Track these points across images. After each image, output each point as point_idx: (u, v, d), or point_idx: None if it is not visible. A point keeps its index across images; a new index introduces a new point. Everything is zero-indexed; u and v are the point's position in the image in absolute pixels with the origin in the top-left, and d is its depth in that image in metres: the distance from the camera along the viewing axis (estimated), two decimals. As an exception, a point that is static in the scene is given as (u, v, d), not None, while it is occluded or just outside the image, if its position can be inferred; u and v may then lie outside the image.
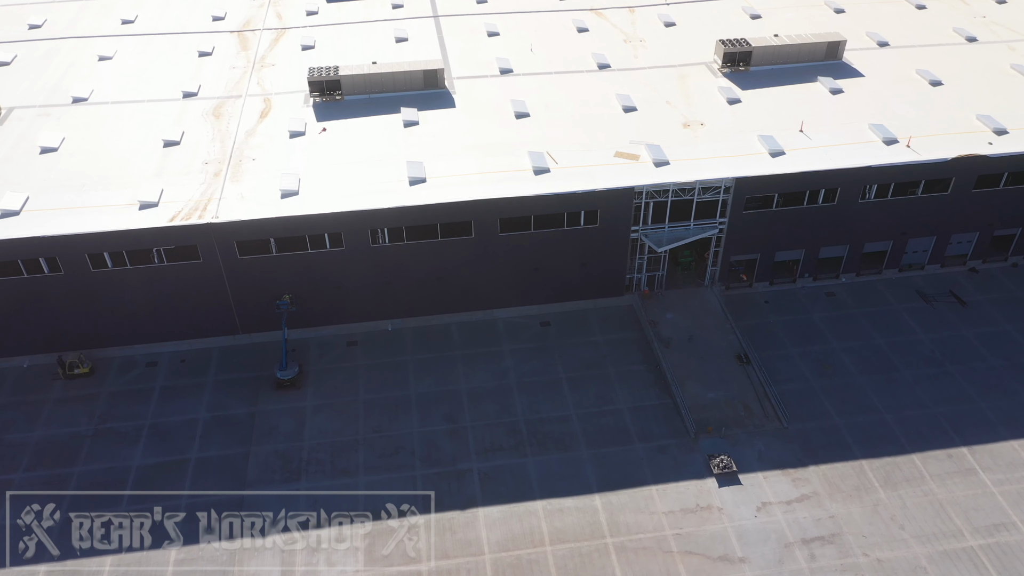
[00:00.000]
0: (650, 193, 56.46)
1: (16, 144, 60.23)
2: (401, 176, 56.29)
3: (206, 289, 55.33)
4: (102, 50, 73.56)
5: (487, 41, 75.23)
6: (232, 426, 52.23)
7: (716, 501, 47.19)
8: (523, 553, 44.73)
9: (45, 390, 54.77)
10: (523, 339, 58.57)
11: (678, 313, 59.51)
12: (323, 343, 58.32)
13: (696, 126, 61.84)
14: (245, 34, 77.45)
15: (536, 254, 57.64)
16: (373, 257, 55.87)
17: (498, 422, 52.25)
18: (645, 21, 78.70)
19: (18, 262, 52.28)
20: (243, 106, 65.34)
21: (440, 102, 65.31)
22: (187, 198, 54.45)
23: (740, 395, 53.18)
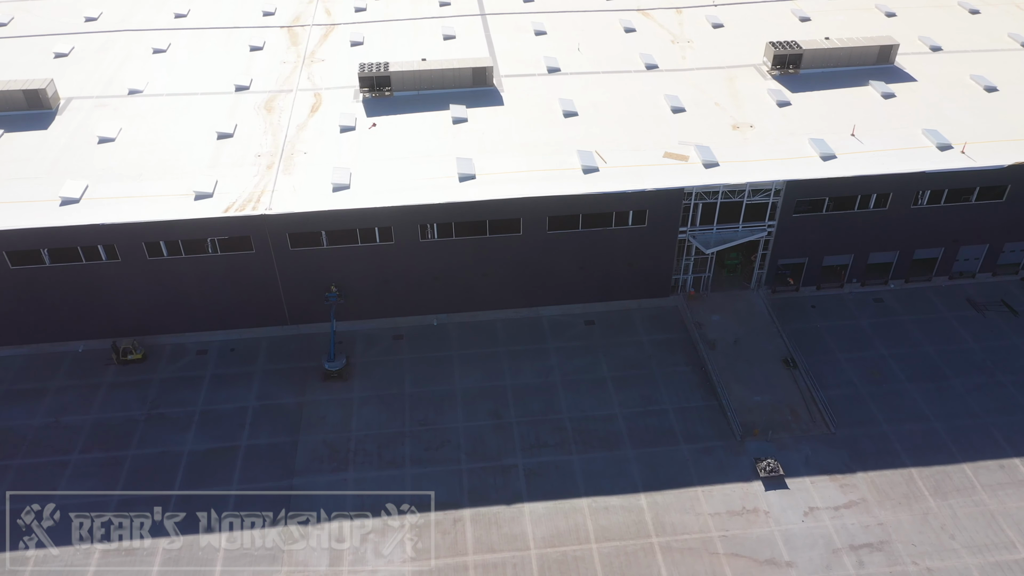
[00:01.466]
0: (699, 194, 56.34)
1: (75, 134, 61.58)
2: (451, 172, 56.72)
3: (257, 279, 56.18)
4: (156, 43, 74.89)
5: (534, 40, 75.46)
6: (281, 415, 52.99)
7: (762, 504, 47.01)
8: (569, 550, 44.90)
9: (100, 374, 55.97)
10: (568, 337, 58.73)
11: (724, 315, 59.28)
12: (369, 336, 58.94)
13: (745, 128, 61.56)
14: (295, 29, 78.42)
15: (583, 253, 57.77)
16: (421, 252, 56.36)
17: (543, 419, 52.47)
18: (692, 22, 78.45)
19: (77, 249, 53.47)
20: (294, 100, 66.20)
21: (488, 100, 65.66)
22: (241, 190, 55.31)
23: (787, 399, 52.89)
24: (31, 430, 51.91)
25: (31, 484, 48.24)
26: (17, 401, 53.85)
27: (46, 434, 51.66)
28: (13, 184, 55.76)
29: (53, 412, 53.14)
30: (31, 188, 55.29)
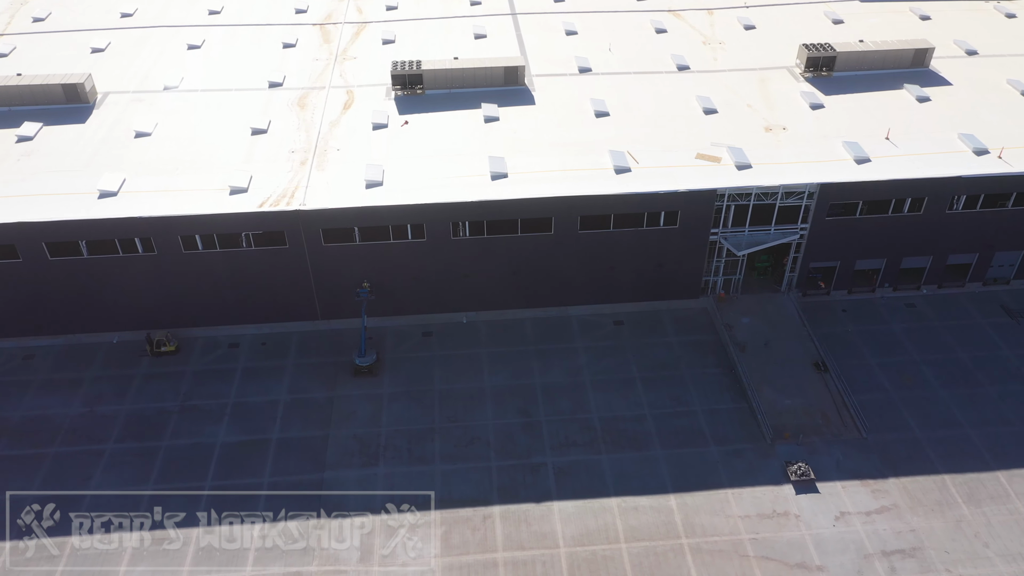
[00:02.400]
0: (732, 196, 56.17)
1: (112, 128, 62.38)
2: (483, 170, 56.91)
3: (290, 274, 56.66)
4: (190, 39, 75.70)
5: (565, 40, 75.52)
6: (311, 409, 53.42)
7: (793, 508, 46.80)
8: (598, 549, 44.95)
9: (134, 365, 56.70)
10: (597, 337, 58.76)
11: (754, 318, 59.05)
12: (399, 332, 59.27)
13: (778, 130, 61.28)
14: (327, 27, 78.96)
15: (613, 253, 57.76)
16: (453, 249, 56.60)
17: (572, 418, 52.55)
18: (724, 23, 78.19)
19: (115, 241, 54.19)
20: (327, 97, 66.68)
21: (520, 99, 65.81)
22: (275, 185, 55.79)
23: (818, 403, 52.60)
24: (67, 419, 52.69)
25: (69, 472, 49.02)
26: (54, 390, 54.65)
27: (82, 423, 52.42)
28: (52, 176, 56.59)
29: (89, 402, 53.91)
30: (70, 181, 56.07)
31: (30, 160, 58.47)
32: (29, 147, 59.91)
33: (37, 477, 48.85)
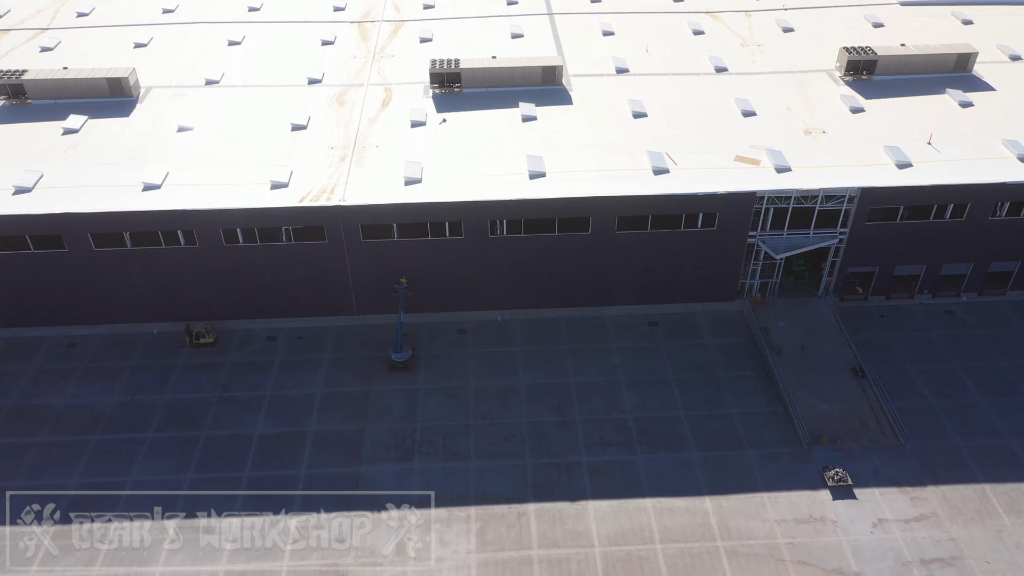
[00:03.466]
0: (771, 199, 55.88)
1: (155, 121, 63.30)
2: (521, 169, 57.09)
3: (328, 269, 57.19)
4: (231, 35, 76.61)
5: (602, 40, 75.51)
6: (348, 403, 53.88)
7: (830, 513, 46.51)
8: (633, 549, 44.96)
9: (173, 356, 57.50)
10: (631, 338, 58.72)
11: (790, 322, 58.71)
12: (434, 329, 59.60)
13: (818, 133, 60.88)
14: (365, 25, 79.55)
15: (650, 254, 57.70)
16: (490, 248, 56.83)
17: (607, 418, 52.56)
18: (762, 25, 77.79)
19: (158, 233, 54.99)
20: (365, 94, 67.19)
21: (557, 98, 65.92)
22: (315, 180, 56.33)
23: (855, 409, 52.21)
24: (109, 407, 53.55)
25: (111, 459, 49.85)
26: (96, 379, 55.59)
27: (123, 412, 53.27)
28: (97, 169, 57.54)
29: (129, 391, 54.76)
30: (115, 173, 57.00)
31: (76, 152, 59.50)
32: (75, 139, 60.96)
33: (80, 464, 49.73)
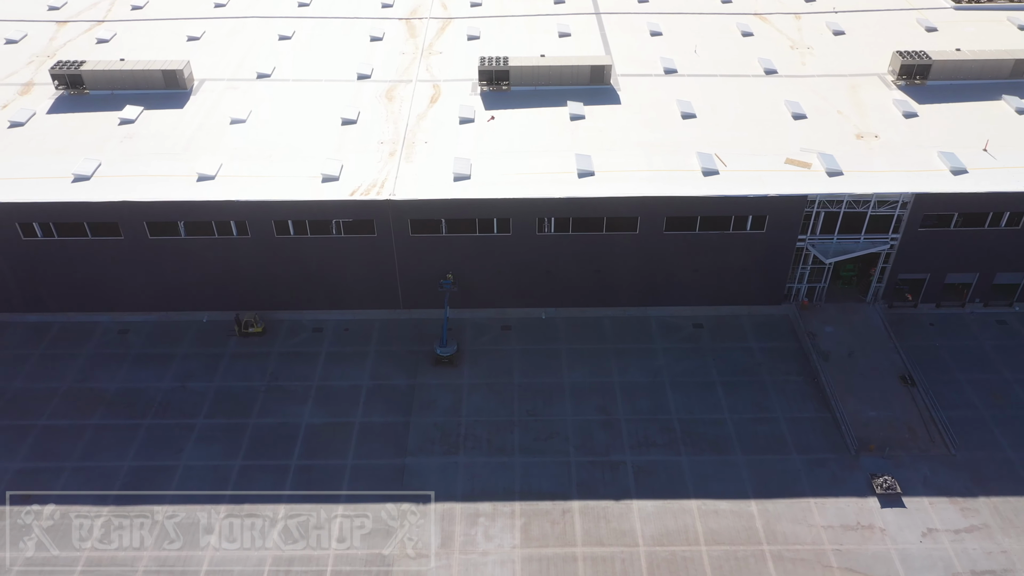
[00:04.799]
0: (822, 203, 55.39)
1: (209, 113, 64.35)
2: (570, 168, 57.19)
3: (376, 263, 57.73)
4: (281, 30, 77.54)
5: (650, 40, 75.33)
6: (393, 395, 54.36)
7: (878, 521, 46.03)
8: (678, 549, 44.87)
9: (222, 344, 58.41)
10: (676, 339, 58.56)
11: (837, 327, 58.15)
12: (478, 325, 59.89)
13: (870, 138, 60.22)
14: (413, 22, 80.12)
15: (698, 255, 57.48)
16: (537, 245, 57.00)
17: (651, 418, 52.48)
18: (812, 28, 77.07)
19: (211, 223, 55.92)
20: (414, 90, 67.70)
21: (605, 98, 65.89)
22: (365, 174, 56.90)
23: (904, 417, 51.58)
24: (160, 393, 54.57)
25: (162, 444, 50.83)
26: (147, 365, 56.67)
27: (174, 397, 54.25)
28: (153, 159, 58.64)
29: (180, 377, 55.74)
30: (170, 163, 58.06)
31: (132, 142, 60.70)
32: (131, 130, 62.19)
33: (132, 447, 50.77)
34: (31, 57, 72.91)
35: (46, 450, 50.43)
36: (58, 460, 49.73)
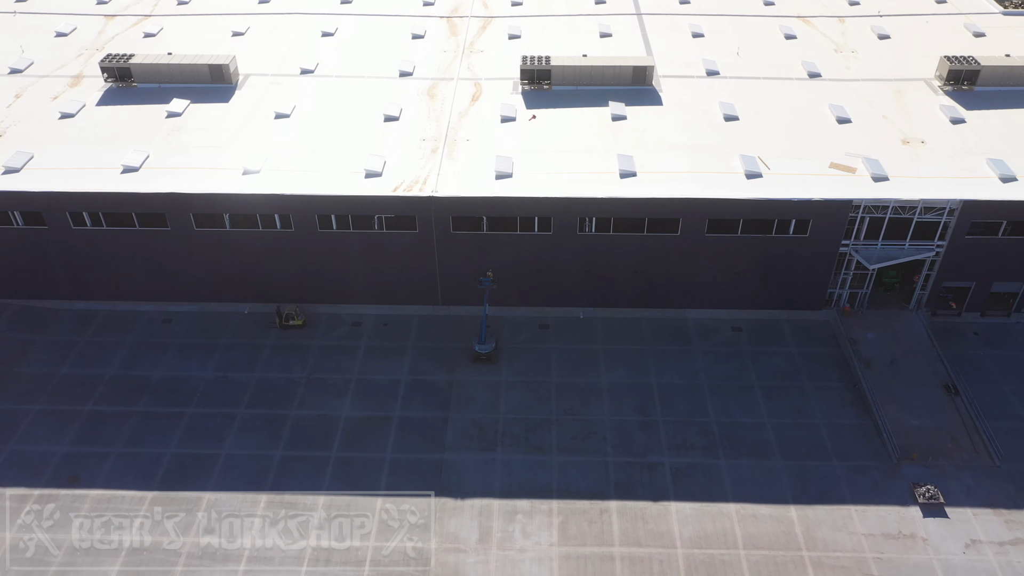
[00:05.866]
0: (867, 208, 54.86)
1: (254, 108, 65.13)
2: (611, 168, 57.17)
3: (417, 259, 58.11)
4: (324, 26, 78.26)
5: (692, 42, 75.03)
6: (431, 391, 54.69)
7: (920, 531, 45.52)
8: (716, 553, 44.72)
9: (263, 336, 59.12)
10: (715, 342, 58.30)
11: (879, 334, 57.54)
12: (516, 323, 60.07)
13: (916, 143, 59.53)
14: (454, 20, 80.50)
15: (739, 258, 57.20)
16: (577, 245, 57.05)
17: (690, 420, 52.32)
18: (857, 32, 76.30)
19: (256, 216, 56.64)
20: (455, 88, 68.03)
21: (647, 99, 65.76)
22: (408, 171, 57.29)
23: (947, 426, 50.94)
24: (202, 382, 55.35)
25: (204, 432, 51.56)
26: (190, 354, 57.51)
27: (216, 387, 55.00)
28: (200, 152, 59.46)
29: (222, 367, 56.50)
30: (216, 156, 58.83)
31: (179, 135, 61.60)
32: (178, 122, 63.13)
33: (175, 435, 51.58)
34: (80, 50, 74.27)
35: (93, 435, 51.40)
36: (104, 445, 50.66)
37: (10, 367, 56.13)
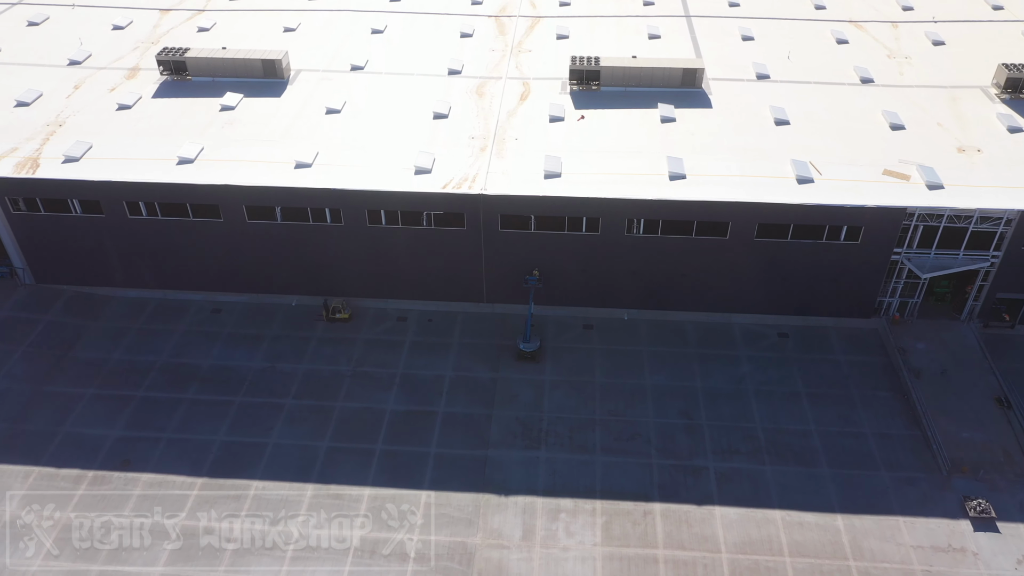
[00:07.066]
0: (921, 216, 54.12)
1: (305, 103, 65.96)
2: (660, 170, 57.01)
3: (463, 256, 58.46)
4: (374, 24, 78.98)
5: (741, 45, 74.51)
6: (475, 387, 54.98)
7: (971, 545, 44.83)
8: (761, 559, 44.43)
9: (310, 328, 59.85)
10: (760, 347, 57.89)
11: (930, 344, 56.72)
12: (560, 322, 60.16)
13: (972, 152, 58.56)
14: (502, 19, 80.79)
15: (788, 264, 56.74)
16: (625, 246, 56.98)
17: (735, 425, 52.02)
18: (910, 37, 75.23)
19: (307, 210, 57.39)
20: (503, 87, 68.28)
21: (696, 101, 65.45)
22: (457, 168, 57.64)
23: (999, 440, 50.08)
24: (251, 372, 56.21)
25: (253, 421, 52.38)
26: (239, 344, 58.42)
27: (264, 377, 55.81)
28: (253, 145, 60.36)
29: (270, 358, 57.30)
30: (268, 150, 59.69)
31: (233, 128, 62.59)
32: (231, 116, 64.14)
33: (224, 423, 52.45)
34: (136, 43, 75.74)
35: (144, 420, 52.48)
36: (155, 431, 51.70)
37: (66, 351, 57.50)
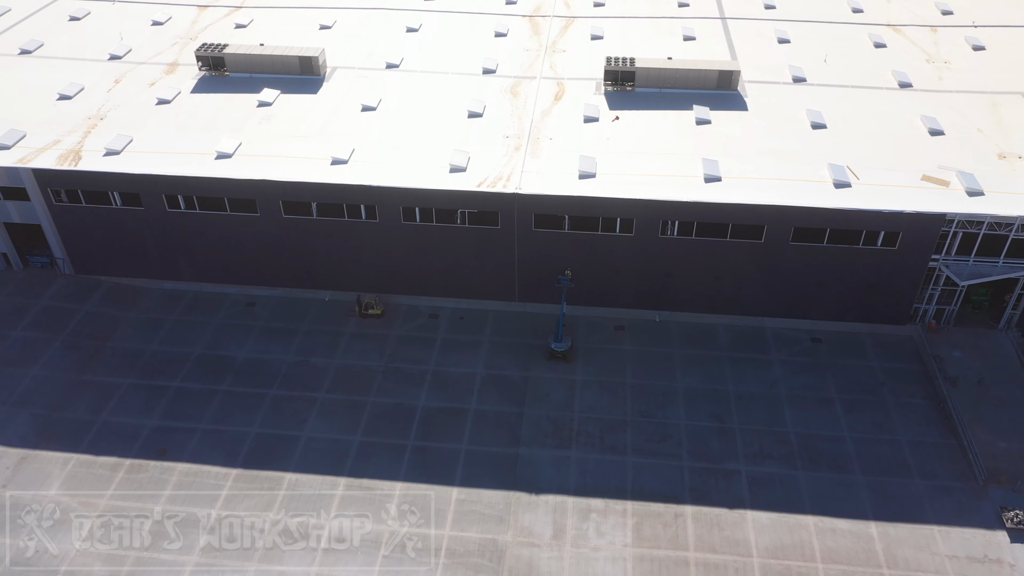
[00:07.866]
0: (960, 223, 53.53)
1: (341, 100, 66.49)
2: (696, 172, 56.83)
3: (496, 255, 58.68)
4: (409, 22, 79.36)
5: (777, 47, 74.05)
6: (507, 386, 55.17)
7: (1007, 556, 44.31)
8: (793, 564, 44.20)
9: (343, 323, 60.38)
10: (793, 352, 57.54)
11: (966, 353, 56.08)
12: (592, 323, 60.19)
13: (1013, 158, 57.81)
14: (536, 19, 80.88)
15: (823, 269, 56.37)
16: (658, 248, 56.92)
17: (767, 430, 51.77)
18: (950, 42, 74.36)
19: (343, 205, 57.89)
20: (538, 87, 68.38)
21: (732, 104, 65.16)
22: (491, 167, 57.83)
23: (1037, 450, 49.51)
24: (285, 365, 56.81)
25: (286, 414, 52.95)
26: (273, 337, 59.06)
27: (297, 371, 56.39)
28: (290, 141, 60.95)
29: (303, 352, 57.89)
30: (305, 146, 60.23)
31: (270, 124, 63.24)
32: (269, 112, 64.81)
33: (259, 415, 53.07)
34: (175, 39, 76.71)
35: (180, 411, 53.24)
36: (191, 421, 52.43)
37: (104, 341, 58.44)
